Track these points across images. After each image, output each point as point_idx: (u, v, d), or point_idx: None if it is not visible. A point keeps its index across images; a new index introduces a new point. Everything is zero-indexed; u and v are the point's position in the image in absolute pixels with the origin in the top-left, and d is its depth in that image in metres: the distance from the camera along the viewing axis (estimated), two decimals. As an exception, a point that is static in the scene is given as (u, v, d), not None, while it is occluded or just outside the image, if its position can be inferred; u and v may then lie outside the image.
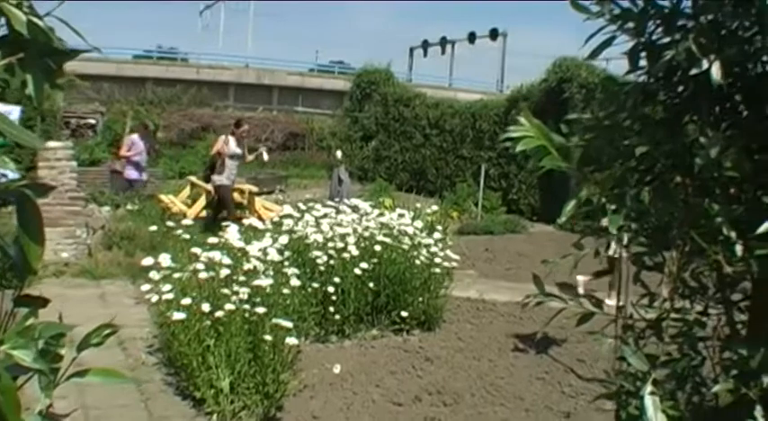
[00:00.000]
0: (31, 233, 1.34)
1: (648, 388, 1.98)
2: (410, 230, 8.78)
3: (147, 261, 6.94)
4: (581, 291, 2.18)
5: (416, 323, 8.48)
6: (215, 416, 5.82)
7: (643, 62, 2.13)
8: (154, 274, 6.78)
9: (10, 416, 1.15)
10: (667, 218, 2.03)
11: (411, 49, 47.50)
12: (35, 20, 1.20)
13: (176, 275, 6.70)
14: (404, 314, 8.26)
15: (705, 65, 1.87)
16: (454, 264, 9.08)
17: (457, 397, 6.61)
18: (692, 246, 2.04)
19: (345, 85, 29.05)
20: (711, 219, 1.92)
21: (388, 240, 8.40)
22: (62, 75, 1.30)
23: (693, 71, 1.91)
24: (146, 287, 6.89)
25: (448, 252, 8.99)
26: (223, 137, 13.69)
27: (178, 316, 6.11)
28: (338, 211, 9.02)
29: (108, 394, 5.96)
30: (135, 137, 16.71)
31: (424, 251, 8.65)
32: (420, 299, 8.43)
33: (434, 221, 11.83)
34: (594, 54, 2.13)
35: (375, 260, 8.20)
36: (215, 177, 13.26)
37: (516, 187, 19.13)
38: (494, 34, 43.60)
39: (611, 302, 2.82)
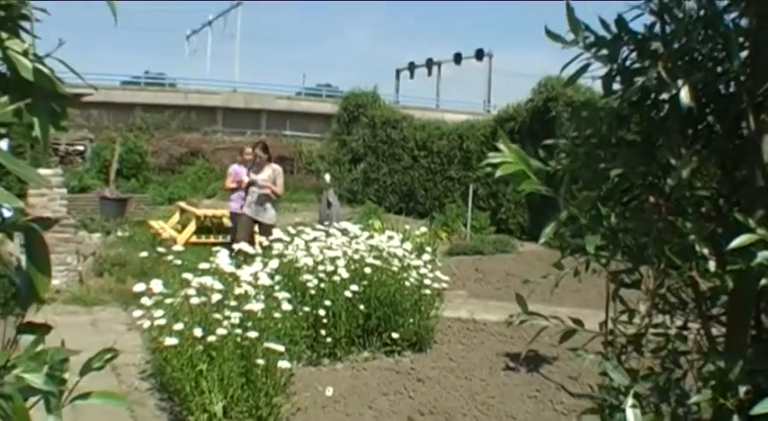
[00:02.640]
0: (39, 264, 1.41)
1: (630, 401, 2.04)
2: (399, 252, 8.82)
3: (139, 287, 6.97)
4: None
5: (408, 344, 8.51)
6: (209, 441, 5.84)
7: (618, 86, 2.21)
8: (146, 300, 6.81)
9: None
10: (643, 237, 2.10)
11: (398, 71, 47.88)
12: (41, 67, 1.27)
13: (168, 301, 6.72)
14: (395, 336, 8.29)
15: (674, 89, 1.95)
16: (444, 285, 9.13)
17: (449, 417, 6.65)
18: (668, 263, 2.11)
19: (333, 107, 29.16)
20: (685, 236, 1.99)
21: (377, 263, 8.44)
22: (66, 117, 1.37)
23: (664, 96, 2.00)
24: (138, 313, 6.92)
25: (437, 273, 9.04)
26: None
27: (170, 341, 6.14)
28: (328, 235, 9.06)
29: (101, 418, 5.98)
30: (235, 166, 14.56)
31: (413, 273, 8.69)
32: (411, 320, 8.46)
33: (424, 243, 11.89)
34: (571, 81, 2.20)
35: (365, 282, 8.24)
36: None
37: (505, 206, 19.18)
38: (479, 55, 44.04)
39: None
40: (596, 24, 2.12)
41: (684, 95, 1.93)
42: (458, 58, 44.91)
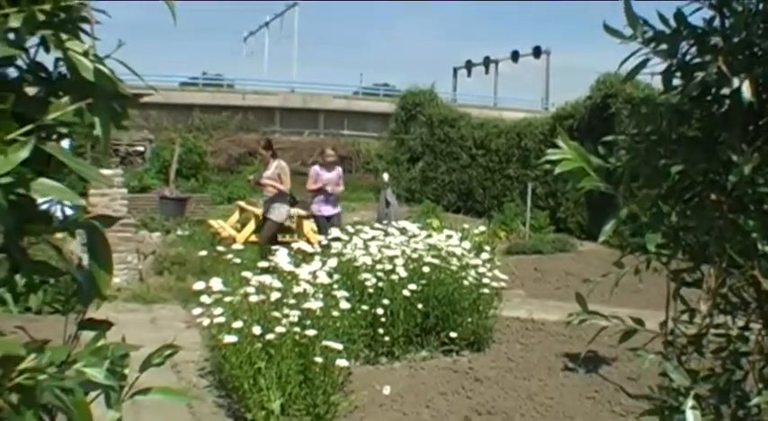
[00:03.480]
0: (100, 262, 1.45)
1: (690, 402, 2.01)
2: (458, 251, 8.80)
3: (199, 285, 7.07)
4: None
5: (466, 344, 8.49)
6: (266, 438, 5.89)
7: (678, 81, 2.17)
8: (205, 298, 6.89)
9: None
10: (704, 235, 2.06)
11: (455, 70, 47.74)
12: (101, 67, 1.29)
13: (227, 299, 6.79)
14: (453, 335, 8.27)
15: (736, 83, 1.91)
16: (503, 284, 9.08)
17: (507, 417, 6.62)
18: (730, 262, 2.07)
19: (390, 107, 29.15)
20: (747, 234, 1.95)
21: (436, 261, 8.42)
22: (127, 117, 1.40)
23: (724, 91, 1.96)
24: (197, 311, 7.01)
25: (496, 272, 8.99)
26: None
27: (230, 339, 6.20)
28: (386, 234, 9.07)
29: (162, 416, 6.06)
30: (316, 167, 13.61)
31: (472, 272, 8.66)
32: (469, 319, 8.44)
33: (482, 242, 11.84)
34: (630, 76, 2.17)
35: (424, 281, 8.23)
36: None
37: (564, 205, 18.99)
38: (537, 52, 43.66)
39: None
40: (655, 19, 2.09)
41: (746, 90, 1.89)
42: (515, 56, 44.62)
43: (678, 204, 2.14)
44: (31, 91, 1.39)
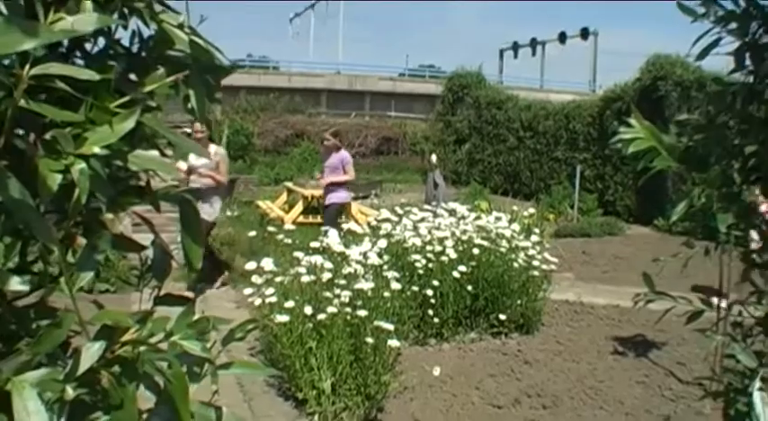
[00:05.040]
0: (192, 234, 1.50)
1: (757, 384, 1.98)
2: (508, 233, 8.76)
3: (251, 265, 7.11)
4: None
5: (515, 326, 8.47)
6: (317, 417, 5.94)
7: (748, 61, 2.13)
8: (256, 278, 6.93)
9: (180, 400, 1.26)
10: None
11: (501, 51, 47.42)
12: (196, 40, 1.30)
13: (278, 279, 6.83)
14: (502, 317, 8.26)
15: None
16: (552, 266, 9.03)
17: (556, 399, 6.60)
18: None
19: (437, 88, 29.08)
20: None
21: (485, 243, 8.40)
22: (219, 89, 1.41)
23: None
24: (248, 291, 7.05)
25: (545, 255, 8.95)
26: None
27: (281, 318, 6.24)
28: (435, 215, 9.06)
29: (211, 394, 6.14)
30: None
31: (521, 254, 8.62)
32: (518, 302, 8.41)
33: (531, 224, 11.79)
34: (702, 55, 2.14)
35: (473, 263, 8.21)
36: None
37: (612, 188, 18.82)
38: (584, 34, 43.20)
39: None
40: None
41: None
42: (562, 38, 44.15)
43: (747, 185, 2.11)
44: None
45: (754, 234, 2.10)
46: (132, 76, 1.35)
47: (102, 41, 1.34)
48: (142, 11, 1.31)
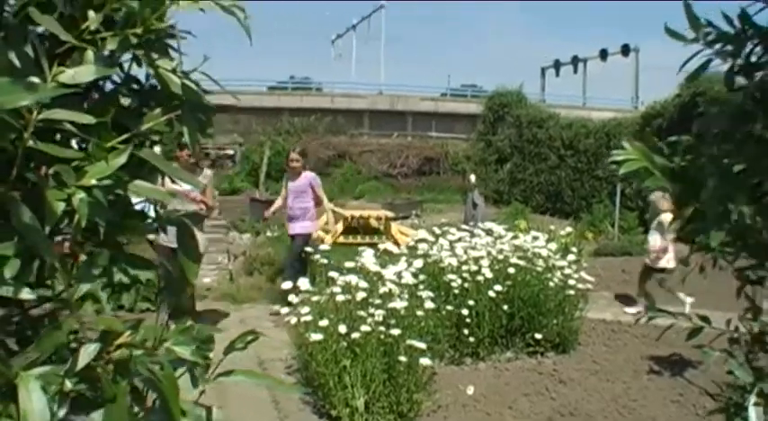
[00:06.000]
0: (188, 253, 1.65)
1: (753, 399, 2.03)
2: (544, 253, 8.79)
3: (287, 284, 7.23)
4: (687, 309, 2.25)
5: (551, 345, 8.47)
6: (350, 434, 6.01)
7: (743, 81, 2.19)
8: (293, 298, 7.05)
9: (171, 399, 1.41)
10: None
11: (543, 70, 47.27)
12: (188, 82, 1.48)
13: (315, 298, 6.93)
14: (538, 336, 8.28)
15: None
16: (588, 286, 9.04)
17: (589, 418, 6.60)
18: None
19: (478, 108, 29.05)
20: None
21: (521, 263, 8.44)
22: (211, 125, 1.59)
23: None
24: (284, 310, 7.17)
25: (582, 274, 8.96)
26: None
27: (316, 337, 6.34)
28: (473, 235, 9.12)
29: (248, 411, 6.26)
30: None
31: (558, 273, 8.64)
32: (554, 321, 8.42)
33: (569, 243, 11.78)
34: (692, 78, 2.20)
35: (509, 282, 8.24)
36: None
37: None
38: (625, 50, 42.89)
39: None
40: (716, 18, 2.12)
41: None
42: (603, 55, 43.91)
43: (748, 204, 2.16)
44: (124, 101, 1.57)
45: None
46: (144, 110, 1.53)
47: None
48: (141, 58, 1.49)
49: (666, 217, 10.26)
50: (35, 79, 1.24)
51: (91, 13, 1.38)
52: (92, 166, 1.32)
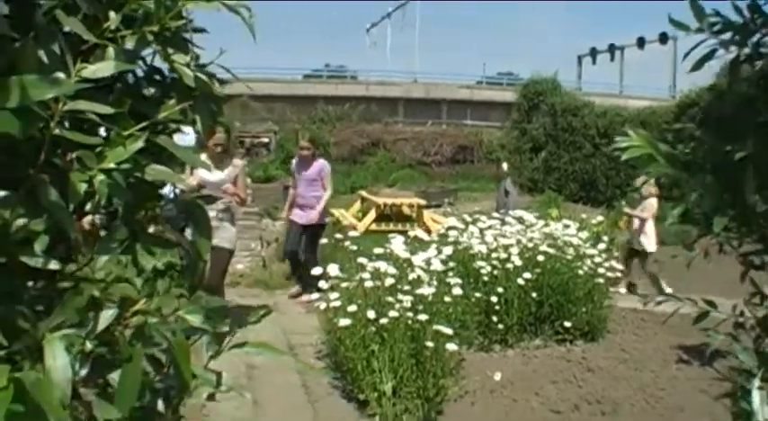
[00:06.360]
0: (200, 230, 1.79)
1: (756, 382, 2.08)
2: (575, 241, 8.82)
3: (317, 271, 7.33)
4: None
5: (580, 333, 8.50)
6: (378, 418, 6.07)
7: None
8: (323, 283, 7.15)
9: (182, 364, 1.54)
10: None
11: (579, 58, 47.03)
12: (200, 75, 1.63)
13: (344, 284, 7.02)
14: (567, 324, 8.31)
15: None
16: (618, 274, 9.04)
17: (616, 406, 6.63)
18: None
19: (514, 96, 29.00)
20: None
21: (551, 251, 8.47)
22: (222, 114, 1.75)
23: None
24: (315, 296, 7.27)
25: (612, 262, 8.97)
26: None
27: (344, 322, 6.43)
28: (503, 223, 9.16)
29: (278, 394, 6.37)
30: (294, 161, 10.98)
31: (587, 262, 8.67)
32: (583, 309, 8.44)
33: (600, 232, 11.76)
34: (696, 68, 2.24)
35: (538, 270, 8.28)
36: None
37: (688, 195, 18.54)
38: (663, 38, 42.46)
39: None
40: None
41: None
42: (641, 43, 43.52)
43: (754, 190, 2.19)
44: (146, 92, 1.72)
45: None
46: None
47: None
48: (158, 53, 1.63)
49: (653, 201, 10.51)
50: (60, 74, 1.38)
51: (112, 14, 1.52)
52: (111, 151, 1.46)
